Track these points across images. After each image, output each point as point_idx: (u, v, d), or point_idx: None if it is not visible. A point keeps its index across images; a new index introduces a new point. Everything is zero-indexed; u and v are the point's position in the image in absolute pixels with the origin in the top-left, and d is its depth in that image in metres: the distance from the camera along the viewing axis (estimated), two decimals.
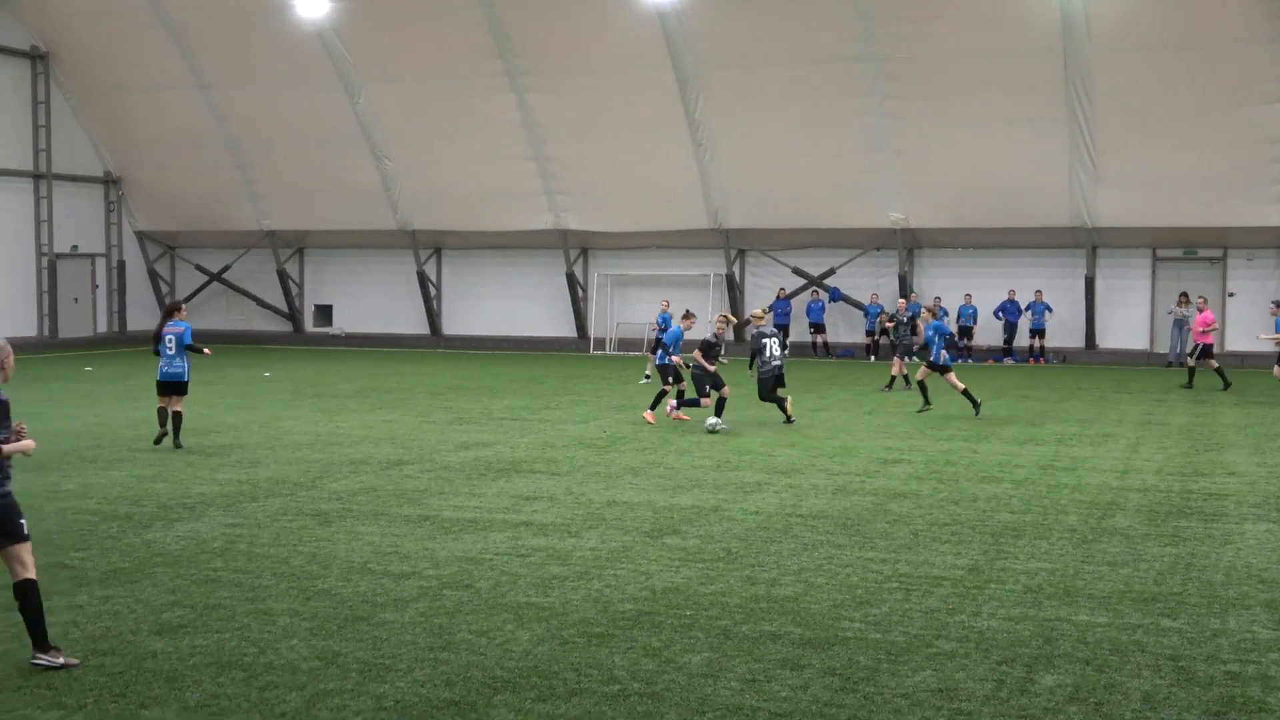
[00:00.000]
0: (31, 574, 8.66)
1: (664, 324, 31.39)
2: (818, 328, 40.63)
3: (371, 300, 46.91)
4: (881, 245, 39.88)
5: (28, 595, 8.59)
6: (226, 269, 47.86)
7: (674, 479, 16.37)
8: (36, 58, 44.37)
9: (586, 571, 11.31)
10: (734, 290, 41.75)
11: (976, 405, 23.18)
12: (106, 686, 8.23)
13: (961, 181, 37.35)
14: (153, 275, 49.24)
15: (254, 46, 41.26)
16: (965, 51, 34.99)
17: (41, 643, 8.60)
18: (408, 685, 8.30)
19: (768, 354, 22.18)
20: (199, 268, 48.48)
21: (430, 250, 45.45)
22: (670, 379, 23.12)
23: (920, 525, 13.42)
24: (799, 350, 40.23)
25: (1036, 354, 38.09)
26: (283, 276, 47.09)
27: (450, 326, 45.54)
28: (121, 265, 48.27)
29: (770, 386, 22.25)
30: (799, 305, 41.05)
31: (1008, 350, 38.58)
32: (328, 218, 45.24)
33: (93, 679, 8.36)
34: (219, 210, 46.46)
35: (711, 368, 21.93)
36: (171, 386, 19.32)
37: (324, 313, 48.00)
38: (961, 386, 23.37)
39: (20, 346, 42.17)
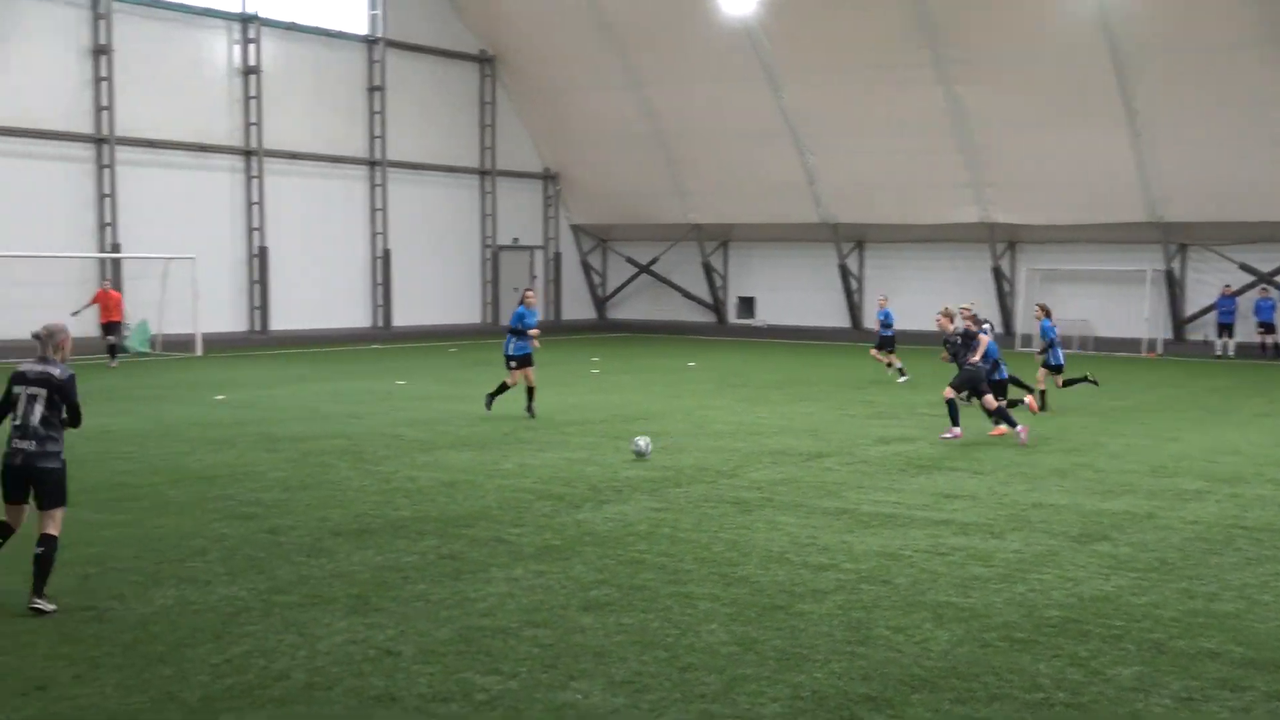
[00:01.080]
0: (56, 531, 9.72)
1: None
2: (1267, 327, 37.94)
3: (792, 293, 47.31)
4: None
5: (49, 548, 9.61)
6: (655, 261, 49.43)
7: (1103, 483, 15.66)
8: (484, 61, 47.21)
9: (1009, 574, 10.97)
10: (1174, 287, 39.59)
11: None
12: (538, 657, 8.62)
13: None
14: (585, 267, 51.47)
15: (684, 45, 42.37)
16: None
17: (40, 590, 9.57)
18: (824, 676, 8.29)
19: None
20: (629, 260, 50.29)
21: (852, 244, 45.40)
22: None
23: None
24: (1244, 351, 37.73)
25: None
26: (708, 269, 48.20)
27: (871, 320, 45.33)
28: (558, 257, 50.71)
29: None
30: (1245, 304, 38.47)
31: None
32: (752, 211, 45.95)
33: (526, 649, 8.77)
34: (648, 204, 48.01)
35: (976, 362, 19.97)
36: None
37: (747, 305, 48.79)
38: None
39: (464, 332, 45.15)
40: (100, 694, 7.80)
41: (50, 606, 9.51)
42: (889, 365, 29.00)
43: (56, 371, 9.84)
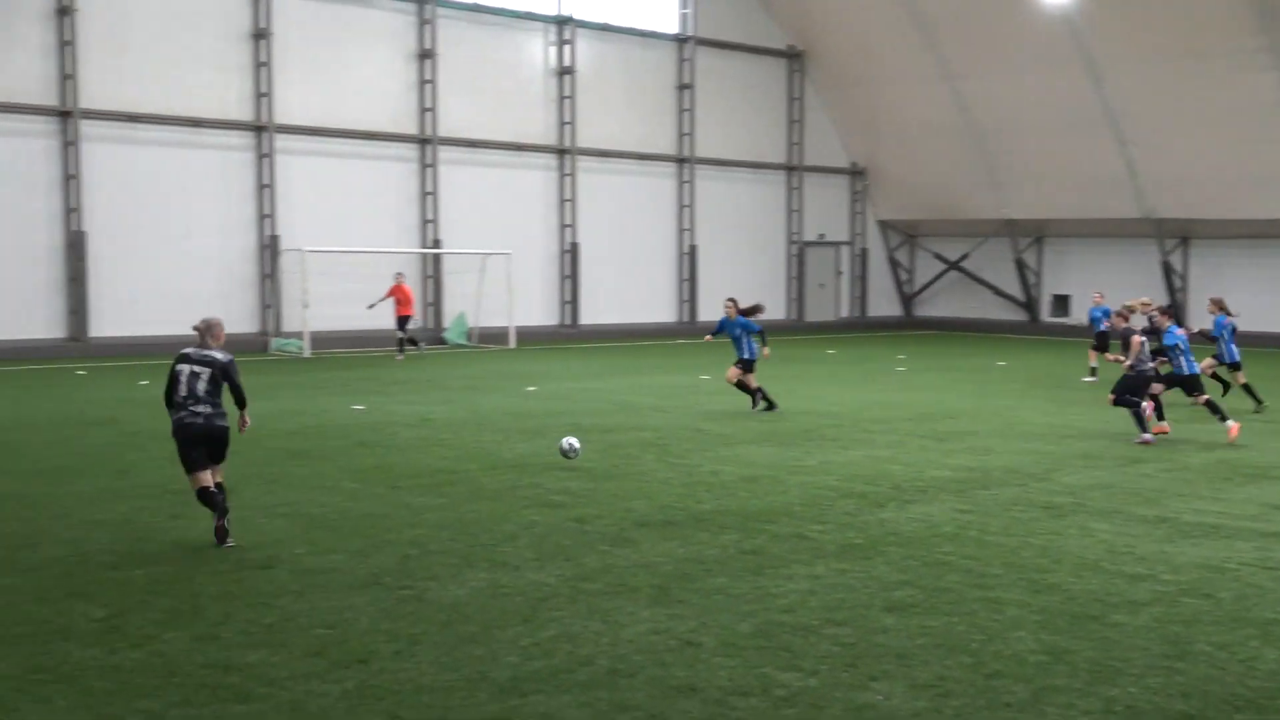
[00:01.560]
0: (220, 480, 11.62)
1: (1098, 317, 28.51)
2: None
3: (1111, 291, 45.42)
4: None
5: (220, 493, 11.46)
6: (964, 257, 48.39)
7: None
8: (793, 56, 47.18)
9: None
10: None
11: None
12: (839, 656, 8.55)
13: None
14: (893, 263, 50.84)
15: (1000, 35, 41.31)
16: None
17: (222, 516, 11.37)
18: (1139, 691, 7.93)
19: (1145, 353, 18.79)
20: (937, 256, 49.39)
21: (1176, 240, 43.33)
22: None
23: None
24: None
25: None
26: (1020, 265, 46.87)
27: (1196, 319, 43.18)
28: (864, 253, 50.26)
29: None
30: None
31: None
32: (1068, 206, 44.41)
33: (826, 647, 8.71)
34: (959, 199, 47.03)
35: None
36: None
37: (1061, 302, 47.20)
38: None
39: (769, 328, 45.18)
40: (417, 669, 8.15)
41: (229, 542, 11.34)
42: (1095, 365, 27.96)
43: (219, 355, 11.69)
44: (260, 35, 34.69)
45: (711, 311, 44.61)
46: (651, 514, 12.99)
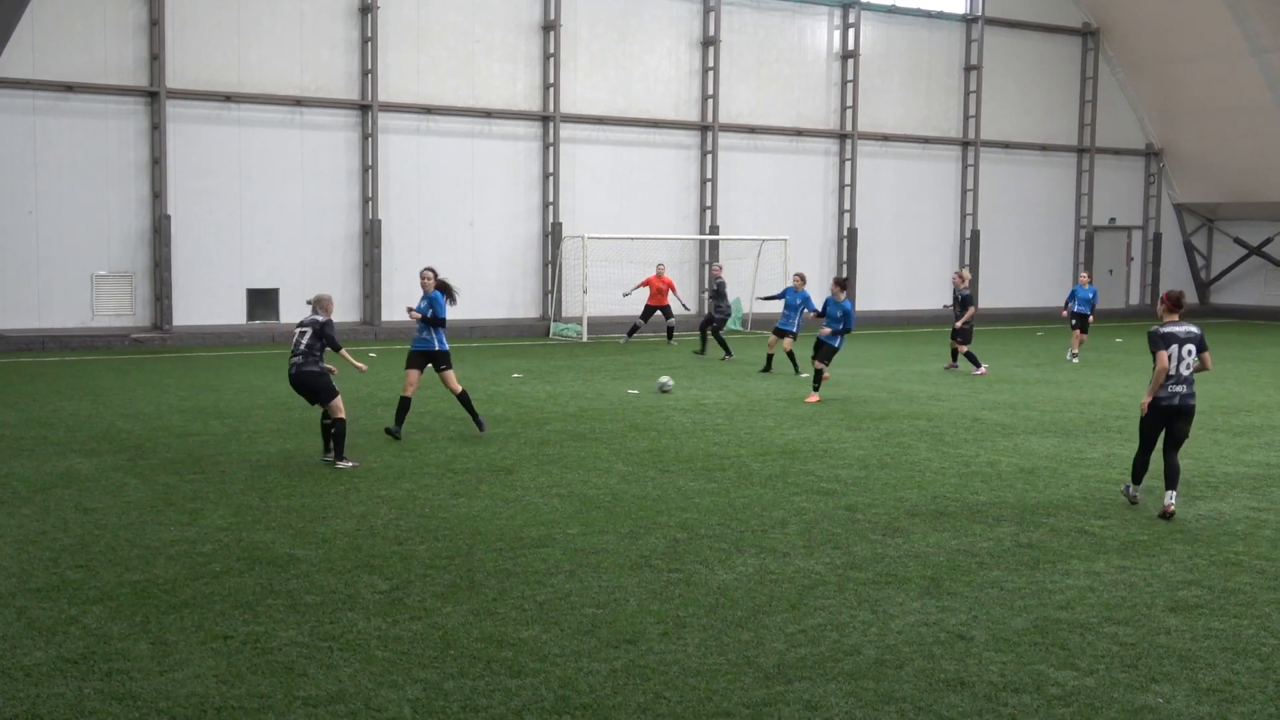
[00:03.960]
0: (342, 415, 14.67)
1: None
2: None
3: None
4: None
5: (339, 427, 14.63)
6: (1268, 242, 45.87)
7: None
8: (1087, 34, 45.55)
9: None
10: None
11: None
12: (1118, 655, 8.24)
13: None
14: (1188, 248, 48.58)
15: None
16: None
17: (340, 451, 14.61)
18: None
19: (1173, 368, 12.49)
20: (1238, 240, 46.97)
21: None
22: None
23: None
24: None
25: None
26: None
27: None
28: (1158, 238, 48.18)
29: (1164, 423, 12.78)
30: None
31: None
32: None
33: (1105, 646, 8.41)
34: (1263, 181, 44.57)
35: None
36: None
37: None
38: None
39: (1054, 315, 43.89)
40: (683, 651, 8.22)
41: (348, 463, 14.44)
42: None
43: (320, 318, 14.85)
44: (549, 27, 35.54)
45: (994, 298, 43.65)
46: (924, 504, 12.77)
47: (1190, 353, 12.33)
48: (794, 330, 24.73)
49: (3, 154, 29.65)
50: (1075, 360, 28.30)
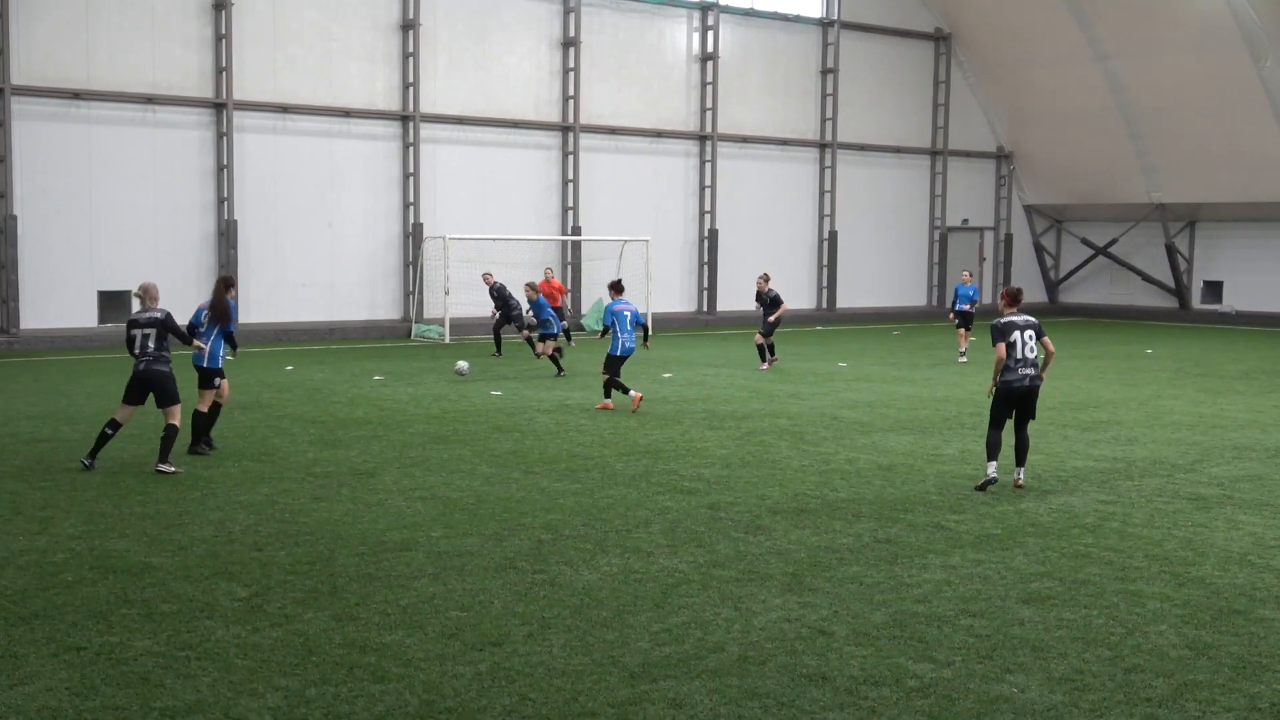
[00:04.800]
0: (176, 421, 14.36)
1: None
2: None
3: (1269, 277, 44.08)
4: None
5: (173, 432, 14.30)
6: (1113, 243, 47.31)
7: None
8: (939, 39, 46.51)
9: None
10: None
11: None
12: (974, 647, 8.43)
13: None
14: (1038, 248, 49.90)
15: (1154, 14, 40.36)
16: None
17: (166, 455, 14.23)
18: None
19: (1019, 353, 13.58)
20: (1084, 241, 48.35)
21: None
22: None
23: None
24: None
25: None
26: (1171, 251, 45.64)
27: None
28: (1009, 238, 49.40)
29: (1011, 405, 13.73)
30: None
31: None
32: (1223, 190, 43.20)
33: (962, 638, 8.60)
34: (1108, 183, 45.97)
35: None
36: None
37: (1213, 289, 45.88)
38: None
39: (909, 315, 44.76)
40: (548, 653, 8.22)
41: (171, 468, 14.19)
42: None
43: (159, 313, 14.51)
44: (408, 26, 35.21)
45: (851, 298, 44.34)
46: (785, 502, 12.94)
47: (1031, 337, 13.51)
48: (554, 332, 25.44)
49: None
50: (964, 360, 28.41)
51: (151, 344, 14.39)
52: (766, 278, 27.63)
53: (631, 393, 19.76)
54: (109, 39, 31.28)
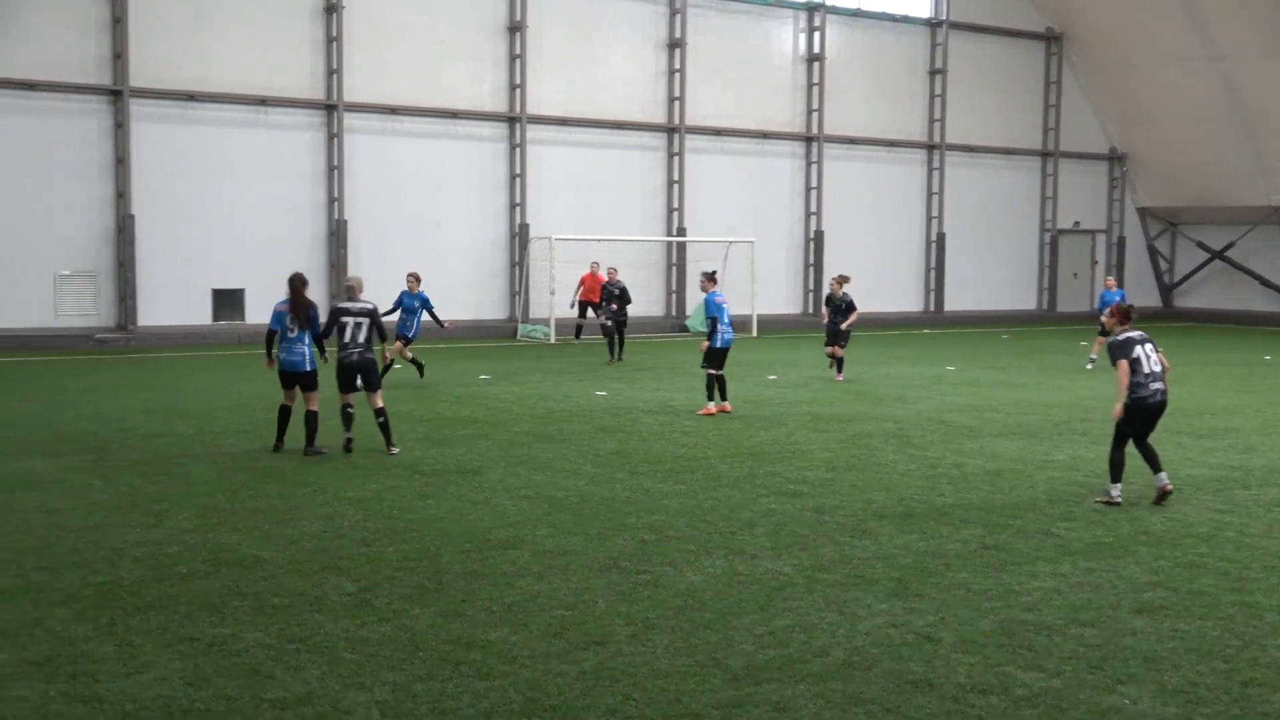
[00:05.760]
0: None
1: None
2: None
3: None
4: None
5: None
6: (1230, 246, 46.27)
7: None
8: (1051, 39, 45.84)
9: None
10: None
11: None
12: (1084, 657, 8.28)
13: None
14: (1152, 251, 48.98)
15: (1270, 14, 39.38)
16: None
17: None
18: None
19: (1145, 368, 13.15)
20: (1200, 245, 47.35)
21: None
22: None
23: None
24: None
25: None
26: None
27: None
28: (1121, 241, 48.54)
29: None
30: None
31: None
32: None
33: (1071, 647, 8.45)
34: (1225, 185, 44.97)
35: None
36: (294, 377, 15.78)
37: None
38: None
39: (1018, 318, 44.19)
40: (651, 653, 8.22)
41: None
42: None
43: (369, 305, 15.62)
44: (514, 28, 35.49)
45: (959, 301, 43.86)
46: (891, 506, 12.82)
47: (1152, 351, 13.08)
48: (410, 335, 22.70)
49: None
50: (1091, 367, 27.52)
51: (362, 334, 15.51)
52: (843, 280, 24.95)
53: (725, 403, 19.55)
54: (223, 42, 31.90)
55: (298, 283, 15.84)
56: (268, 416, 17.78)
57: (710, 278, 20.22)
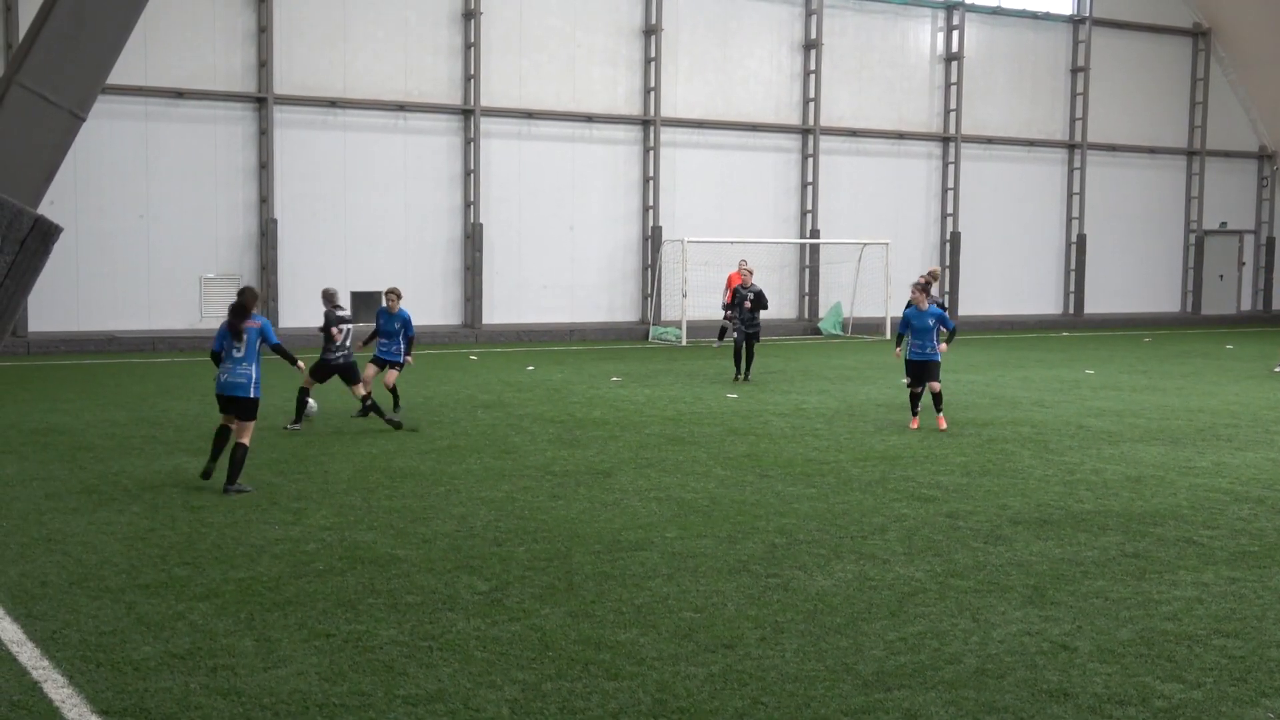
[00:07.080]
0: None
1: None
2: None
3: None
4: None
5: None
6: None
7: None
8: (1198, 34, 44.69)
9: None
10: None
11: None
12: (1227, 669, 8.05)
13: None
14: None
15: None
16: None
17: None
18: None
19: None
20: None
21: None
22: None
23: None
24: None
25: None
26: None
27: None
28: (1270, 242, 47.14)
29: None
30: None
31: None
32: None
33: (1214, 659, 8.22)
34: None
35: None
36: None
37: None
38: None
39: (1161, 321, 43.13)
40: (781, 657, 8.18)
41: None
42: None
43: (348, 313, 17.85)
44: (650, 31, 35.62)
45: (1100, 304, 42.97)
46: (1027, 512, 12.59)
47: None
48: (399, 360, 18.90)
49: (115, 159, 30.33)
50: (1278, 370, 26.73)
51: (349, 340, 17.85)
52: (933, 277, 20.69)
53: (914, 417, 18.57)
54: (364, 49, 32.53)
55: (248, 298, 13.40)
56: (407, 418, 18.08)
57: (921, 288, 18.65)
